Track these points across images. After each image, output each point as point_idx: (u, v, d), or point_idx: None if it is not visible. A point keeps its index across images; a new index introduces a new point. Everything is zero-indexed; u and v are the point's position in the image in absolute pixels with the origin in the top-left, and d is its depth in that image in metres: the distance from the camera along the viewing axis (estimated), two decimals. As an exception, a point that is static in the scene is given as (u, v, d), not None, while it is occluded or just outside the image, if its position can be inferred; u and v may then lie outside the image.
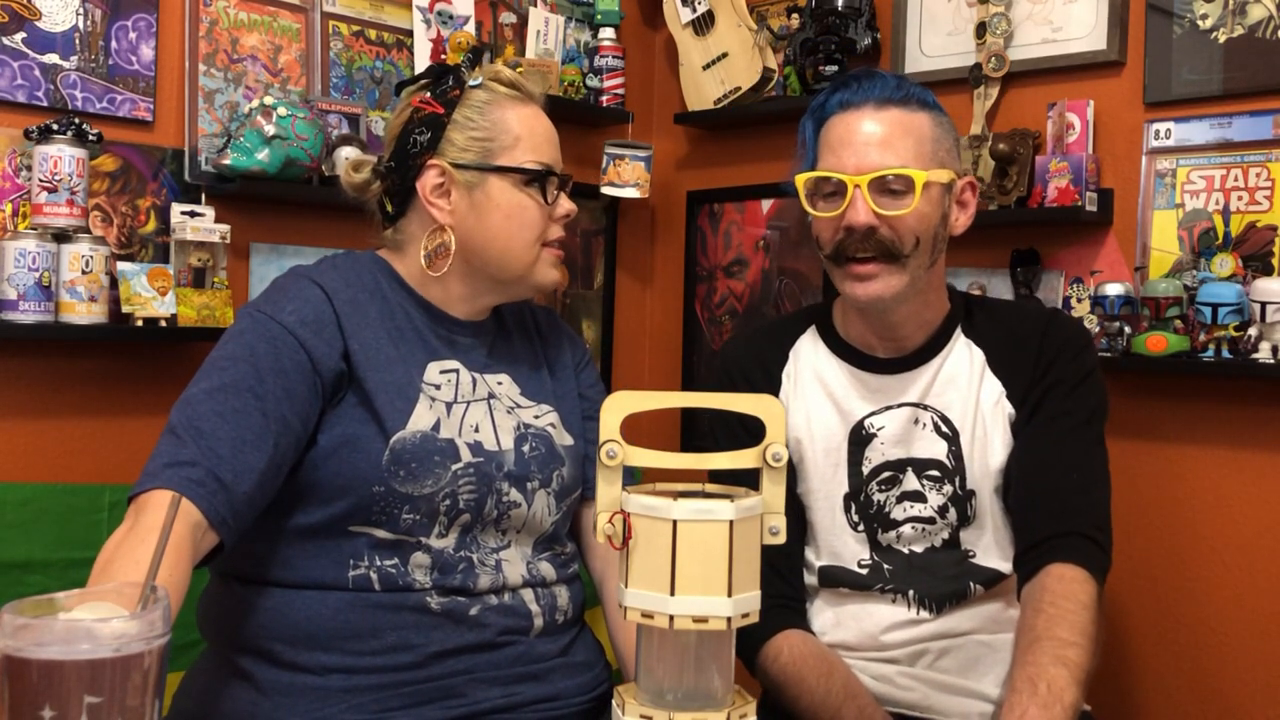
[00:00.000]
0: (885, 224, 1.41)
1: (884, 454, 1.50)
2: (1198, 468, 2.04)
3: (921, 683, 1.48)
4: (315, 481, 1.30)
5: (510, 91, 1.44)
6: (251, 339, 1.30)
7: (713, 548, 0.96)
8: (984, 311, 1.56)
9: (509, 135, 1.40)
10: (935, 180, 1.43)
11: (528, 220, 1.40)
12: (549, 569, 1.41)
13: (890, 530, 1.50)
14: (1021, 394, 1.48)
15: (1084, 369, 1.49)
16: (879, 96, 1.44)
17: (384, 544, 1.31)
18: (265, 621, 1.30)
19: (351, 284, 1.39)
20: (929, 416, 1.50)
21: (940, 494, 1.48)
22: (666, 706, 0.98)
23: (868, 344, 1.54)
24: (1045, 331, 1.50)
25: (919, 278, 1.45)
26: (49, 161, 1.88)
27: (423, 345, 1.40)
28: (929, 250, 1.45)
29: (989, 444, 1.48)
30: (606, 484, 1.00)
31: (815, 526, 1.54)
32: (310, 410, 1.29)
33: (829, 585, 1.53)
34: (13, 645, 0.74)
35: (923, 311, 1.51)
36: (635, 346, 2.99)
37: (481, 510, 1.34)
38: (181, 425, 1.22)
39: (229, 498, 1.19)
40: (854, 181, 1.40)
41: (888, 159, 1.41)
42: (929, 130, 1.44)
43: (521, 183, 1.40)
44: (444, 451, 1.32)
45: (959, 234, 1.51)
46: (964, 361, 1.51)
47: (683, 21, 2.72)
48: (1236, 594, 2.00)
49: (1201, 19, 2.03)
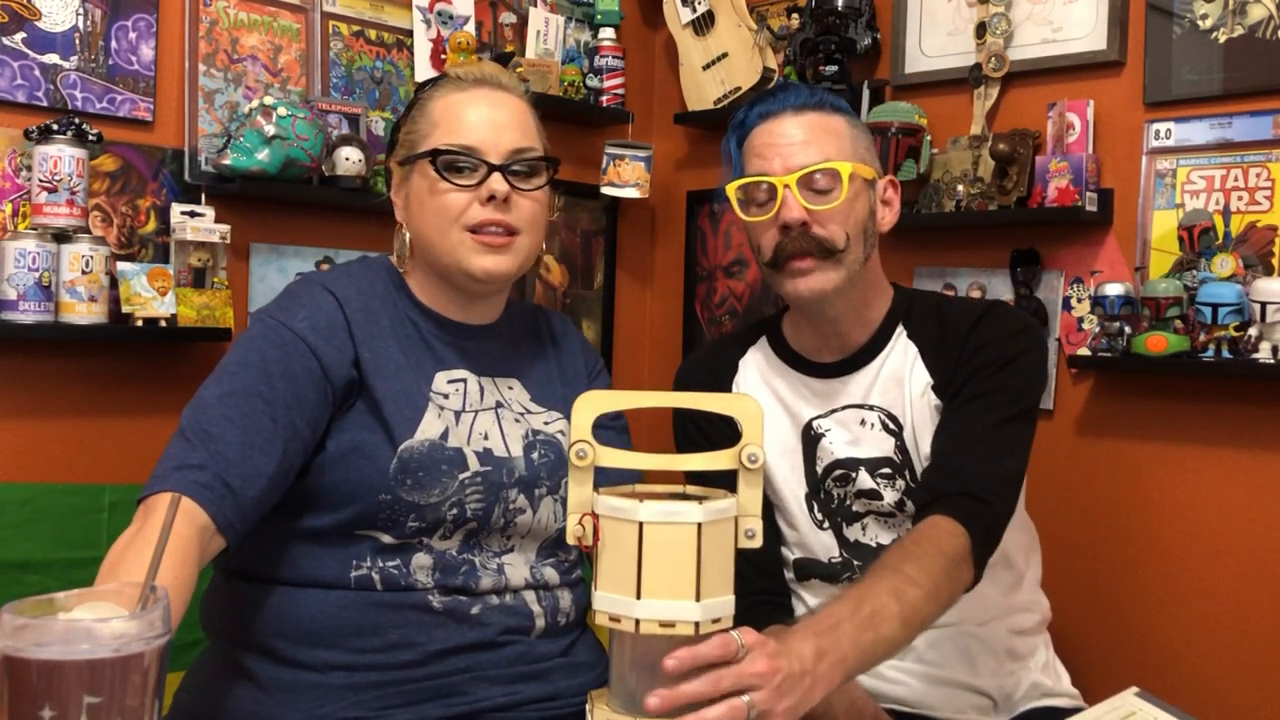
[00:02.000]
0: (816, 221, 1.45)
1: (833, 453, 1.53)
2: (1198, 468, 2.04)
3: (911, 676, 1.49)
4: (322, 487, 1.30)
5: (457, 84, 1.43)
6: (263, 345, 1.30)
7: (680, 551, 0.94)
8: (924, 306, 1.58)
9: (429, 123, 1.40)
10: (859, 174, 1.47)
11: (442, 204, 1.37)
12: (552, 573, 1.41)
13: (854, 523, 1.53)
14: (945, 385, 1.50)
15: (1009, 354, 1.48)
16: (795, 104, 1.50)
17: (387, 547, 1.31)
18: (267, 619, 1.31)
19: (364, 291, 1.39)
20: (875, 416, 1.53)
21: (894, 489, 1.51)
22: (637, 713, 0.97)
23: (814, 349, 1.58)
24: (976, 323, 1.52)
25: (855, 273, 1.49)
26: (49, 161, 1.88)
27: (431, 354, 1.40)
28: (861, 245, 1.49)
29: (922, 434, 1.50)
30: (577, 485, 1.00)
31: (787, 524, 1.57)
32: (319, 417, 1.30)
33: (803, 578, 1.56)
34: (12, 645, 0.74)
35: (863, 310, 1.55)
36: (635, 346, 2.98)
37: (489, 519, 1.35)
38: (191, 429, 1.23)
39: (236, 502, 1.20)
40: (783, 182, 1.45)
41: (812, 156, 1.46)
42: (846, 130, 1.50)
43: (434, 167, 1.37)
44: (452, 460, 1.33)
45: (886, 230, 1.56)
46: (900, 357, 1.54)
47: (683, 21, 2.72)
48: (1236, 594, 1.99)
49: (1201, 19, 2.03)
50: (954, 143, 2.31)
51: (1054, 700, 1.55)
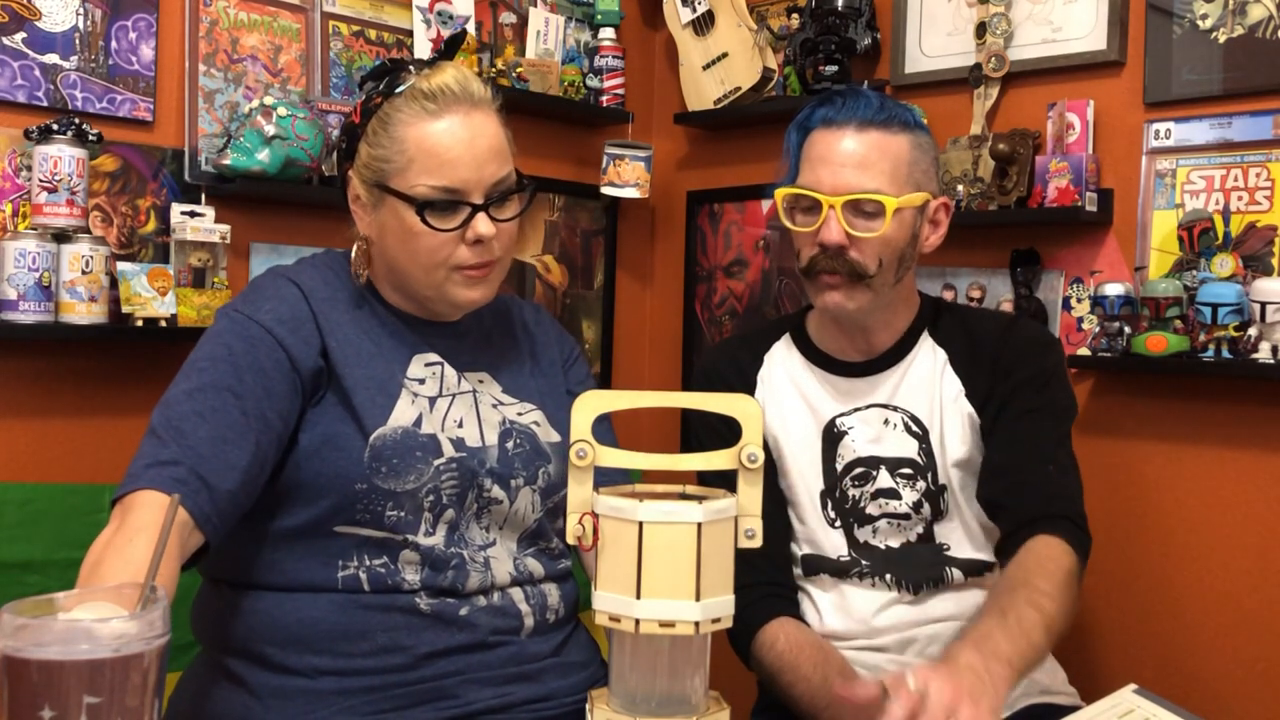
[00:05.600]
0: (855, 246, 1.47)
1: (855, 451, 1.55)
2: (1198, 468, 2.04)
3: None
4: (298, 482, 1.30)
5: (425, 105, 1.32)
6: (229, 339, 1.30)
7: (679, 551, 0.94)
8: (950, 315, 1.62)
9: (403, 156, 1.32)
10: (907, 205, 1.48)
11: (423, 247, 1.32)
12: (536, 565, 1.40)
13: (866, 525, 1.54)
14: (982, 395, 1.53)
15: (1048, 369, 1.55)
16: (861, 117, 1.49)
17: (371, 543, 1.30)
18: (255, 625, 1.30)
19: (329, 282, 1.39)
20: (899, 417, 1.55)
21: (914, 490, 1.53)
22: (638, 713, 0.97)
23: (839, 349, 1.60)
24: (1005, 333, 1.56)
25: (885, 293, 1.52)
26: (49, 161, 1.88)
27: (404, 340, 1.40)
28: (893, 269, 1.51)
29: (951, 438, 1.53)
30: (577, 484, 1.00)
31: (798, 520, 1.58)
32: (290, 409, 1.29)
33: (811, 573, 1.57)
34: (12, 645, 0.74)
35: (890, 318, 1.58)
36: (635, 346, 2.98)
37: (463, 503, 1.34)
38: (162, 426, 1.23)
39: (212, 496, 1.19)
40: (829, 201, 1.46)
41: (864, 181, 1.46)
42: (906, 153, 1.49)
43: (421, 215, 1.31)
44: (425, 447, 1.32)
45: (929, 251, 1.57)
46: (928, 361, 1.57)
47: (683, 21, 2.71)
48: (1235, 593, 1.99)
49: (1201, 19, 2.03)
50: (954, 143, 2.31)
51: (1052, 698, 1.56)
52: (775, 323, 1.72)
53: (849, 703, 1.05)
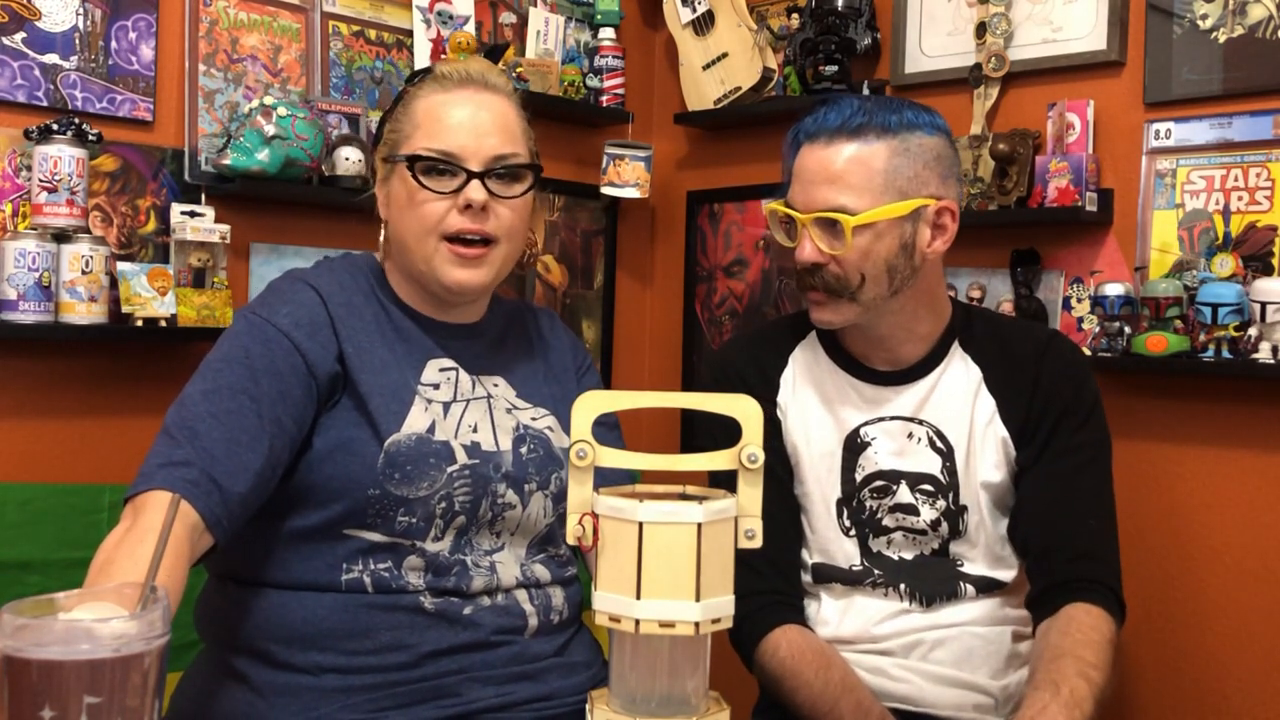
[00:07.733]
0: (835, 261, 1.44)
1: (877, 463, 1.52)
2: (1198, 468, 2.04)
3: (916, 675, 1.49)
4: (311, 485, 1.30)
5: (442, 83, 1.40)
6: (246, 341, 1.30)
7: (679, 551, 0.94)
8: (983, 324, 1.57)
9: (411, 124, 1.38)
10: (880, 218, 1.42)
11: (419, 211, 1.35)
12: (543, 571, 1.40)
13: (881, 536, 1.52)
14: (1020, 419, 1.50)
15: (1089, 400, 1.52)
16: (832, 128, 1.44)
17: (378, 547, 1.30)
18: (260, 622, 1.30)
19: (347, 287, 1.39)
20: (924, 431, 1.52)
21: (933, 508, 1.50)
22: (637, 713, 0.97)
23: (865, 355, 1.56)
24: (1043, 355, 1.52)
25: (879, 305, 1.47)
26: (49, 161, 1.88)
27: (420, 346, 1.40)
28: (883, 282, 1.45)
29: (982, 461, 1.50)
30: (577, 484, 1.00)
31: (810, 528, 1.55)
32: (305, 413, 1.30)
33: (822, 581, 1.55)
34: (12, 645, 0.74)
35: (913, 326, 1.52)
36: (635, 346, 2.98)
37: (476, 512, 1.34)
38: (176, 426, 1.23)
39: (224, 498, 1.19)
40: (801, 219, 1.45)
41: (829, 197, 1.42)
42: (883, 161, 1.43)
43: (412, 171, 1.35)
44: (439, 454, 1.32)
45: (935, 256, 1.50)
46: (960, 377, 1.53)
47: (683, 21, 2.71)
48: (1235, 595, 1.99)
49: (1201, 19, 2.03)
50: (954, 143, 2.31)
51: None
52: (792, 320, 1.65)
53: None
